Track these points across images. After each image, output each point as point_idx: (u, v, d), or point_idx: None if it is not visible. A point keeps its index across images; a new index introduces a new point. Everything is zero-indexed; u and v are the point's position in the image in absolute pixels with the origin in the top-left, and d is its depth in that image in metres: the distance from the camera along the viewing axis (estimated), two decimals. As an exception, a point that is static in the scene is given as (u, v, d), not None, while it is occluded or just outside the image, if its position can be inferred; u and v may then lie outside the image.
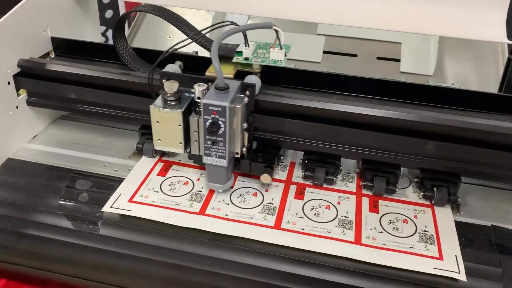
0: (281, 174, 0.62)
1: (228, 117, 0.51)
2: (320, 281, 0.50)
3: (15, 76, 0.63)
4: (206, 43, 0.62)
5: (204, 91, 0.54)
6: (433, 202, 0.58)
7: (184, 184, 0.60)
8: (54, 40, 0.70)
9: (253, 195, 0.58)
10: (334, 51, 0.87)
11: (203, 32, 0.60)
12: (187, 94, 0.56)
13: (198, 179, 0.60)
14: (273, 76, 0.63)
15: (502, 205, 0.59)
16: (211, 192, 0.58)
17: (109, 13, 1.13)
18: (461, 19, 0.57)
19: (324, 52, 0.87)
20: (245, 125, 0.55)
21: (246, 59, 0.59)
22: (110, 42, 0.68)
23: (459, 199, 0.57)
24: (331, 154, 0.60)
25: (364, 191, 0.60)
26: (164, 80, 0.55)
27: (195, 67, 0.63)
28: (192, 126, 0.55)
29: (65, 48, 0.71)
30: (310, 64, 0.85)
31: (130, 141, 0.68)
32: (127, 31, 1.13)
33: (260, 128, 0.59)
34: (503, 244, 0.53)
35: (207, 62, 0.60)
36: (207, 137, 0.53)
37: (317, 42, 0.88)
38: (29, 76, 0.64)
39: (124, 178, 0.60)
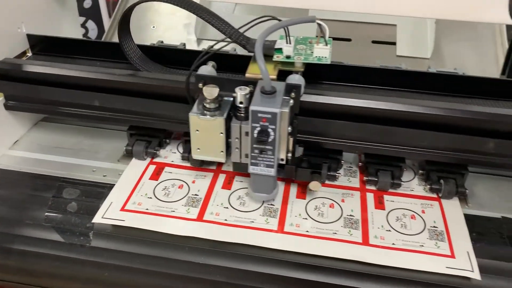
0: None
1: (279, 124, 0.48)
2: (328, 286, 0.48)
3: (-10, 79, 0.58)
4: (242, 40, 0.56)
5: (247, 96, 0.50)
6: (440, 195, 0.56)
7: (179, 187, 0.56)
8: (31, 37, 0.65)
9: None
10: (327, 36, 0.83)
11: (243, 28, 0.53)
12: (226, 98, 0.52)
13: (194, 181, 0.57)
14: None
15: (512, 195, 0.57)
16: (208, 195, 0.55)
17: (87, 3, 1.07)
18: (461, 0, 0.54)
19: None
20: (289, 128, 0.50)
21: (288, 57, 0.54)
22: (90, 34, 0.63)
23: (467, 190, 0.55)
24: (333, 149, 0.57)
25: (368, 186, 0.57)
26: (200, 85, 0.51)
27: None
28: (233, 132, 0.51)
29: (44, 45, 0.66)
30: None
31: (119, 142, 0.64)
32: (107, 22, 1.07)
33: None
34: (516, 236, 0.51)
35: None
36: (255, 145, 0.49)
37: (308, 27, 0.84)
38: (6, 78, 0.59)
39: (114, 184, 0.57)
